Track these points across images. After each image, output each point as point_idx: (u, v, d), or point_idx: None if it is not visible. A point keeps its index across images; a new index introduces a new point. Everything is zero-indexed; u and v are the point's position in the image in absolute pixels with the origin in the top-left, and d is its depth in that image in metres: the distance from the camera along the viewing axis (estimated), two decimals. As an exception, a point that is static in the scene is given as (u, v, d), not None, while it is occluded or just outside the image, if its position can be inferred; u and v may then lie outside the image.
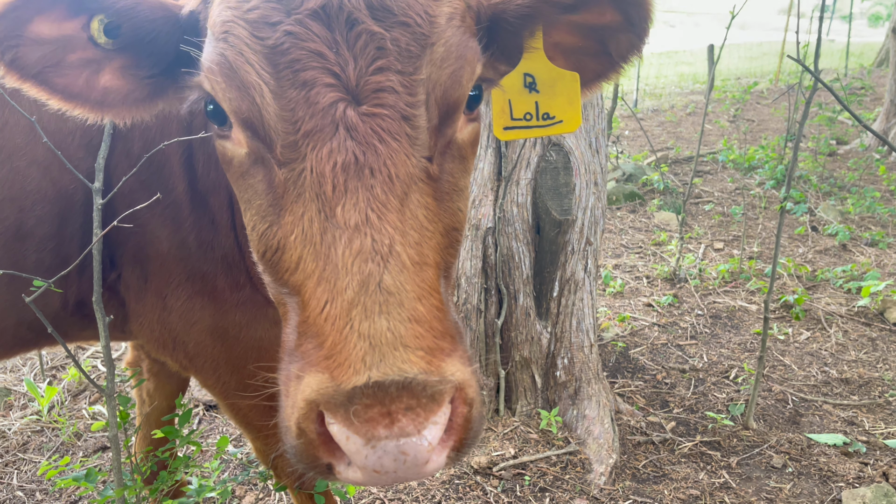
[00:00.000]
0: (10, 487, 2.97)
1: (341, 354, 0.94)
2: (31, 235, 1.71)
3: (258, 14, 1.07)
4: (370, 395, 0.91)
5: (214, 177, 1.73)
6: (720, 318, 4.67)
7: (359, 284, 0.98)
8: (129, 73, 1.28)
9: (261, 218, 1.14)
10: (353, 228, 1.01)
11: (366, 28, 1.06)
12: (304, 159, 1.05)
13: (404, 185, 1.06)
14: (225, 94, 1.10)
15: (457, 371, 0.97)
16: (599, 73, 1.48)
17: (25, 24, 1.18)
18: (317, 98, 1.04)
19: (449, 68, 1.12)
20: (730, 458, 3.22)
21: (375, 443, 0.90)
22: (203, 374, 1.98)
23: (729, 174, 8.02)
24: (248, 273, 1.83)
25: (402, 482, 0.95)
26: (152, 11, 1.23)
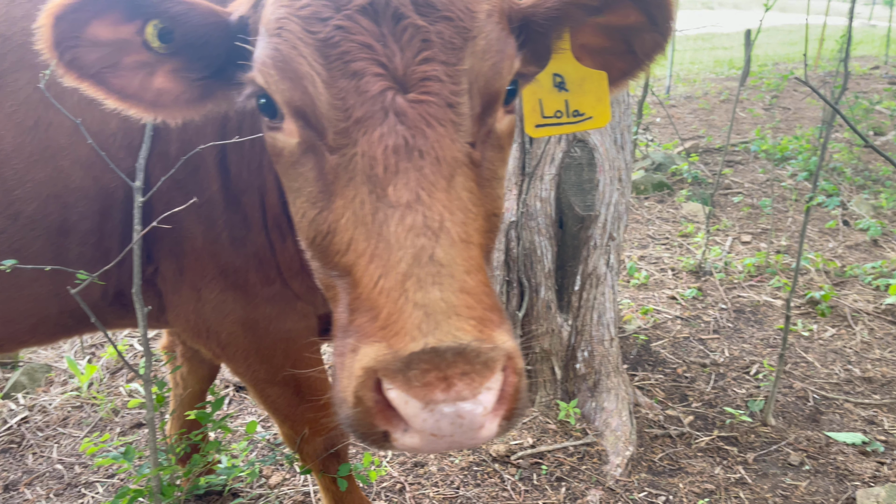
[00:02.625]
0: (51, 461, 3.13)
1: (397, 324, 1.00)
2: (74, 230, 1.81)
3: (310, 11, 1.16)
4: (427, 361, 0.96)
5: (247, 177, 1.82)
6: (744, 313, 4.67)
7: (412, 257, 1.04)
8: (180, 76, 1.36)
9: (311, 204, 1.21)
10: (405, 206, 1.07)
11: (411, 22, 1.14)
12: (356, 144, 1.13)
13: (450, 168, 1.13)
14: (278, 85, 1.18)
15: (507, 340, 1.03)
16: (626, 72, 1.55)
17: (83, 26, 1.26)
18: (367, 87, 1.12)
19: (490, 60, 1.20)
20: (747, 454, 3.26)
21: (433, 406, 0.95)
22: (234, 363, 2.08)
23: (760, 165, 7.92)
24: (278, 269, 1.92)
25: (457, 448, 1.01)
26: (204, 17, 1.31)
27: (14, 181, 1.72)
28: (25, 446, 3.22)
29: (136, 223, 1.80)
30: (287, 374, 2.11)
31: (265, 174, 1.80)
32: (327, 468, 2.36)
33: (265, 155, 1.80)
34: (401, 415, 0.99)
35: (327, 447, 2.31)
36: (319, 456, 2.31)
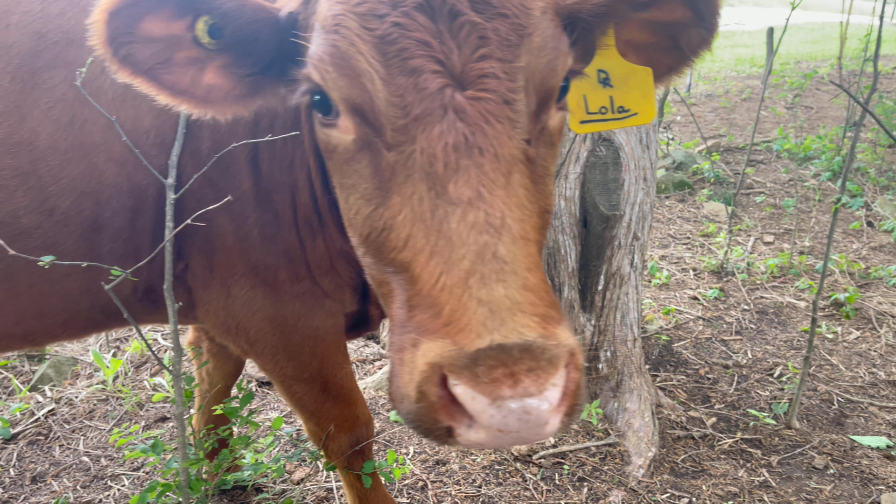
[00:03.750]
0: (77, 453, 3.17)
1: (461, 320, 1.00)
2: (107, 227, 1.83)
3: (367, 7, 1.16)
4: (493, 357, 0.96)
5: (278, 176, 1.82)
6: (767, 314, 4.63)
7: (475, 254, 1.04)
8: (230, 72, 1.37)
9: (366, 201, 1.21)
10: (467, 203, 1.08)
11: (468, 19, 1.14)
12: (415, 141, 1.13)
13: (508, 165, 1.13)
14: (336, 82, 1.19)
15: (569, 337, 1.04)
16: (671, 67, 1.55)
17: (137, 22, 1.27)
18: (425, 84, 1.13)
19: (546, 57, 1.20)
20: (770, 457, 3.24)
21: (501, 402, 0.95)
22: (262, 359, 2.10)
23: (783, 164, 7.84)
24: (307, 266, 1.93)
25: (521, 444, 1.01)
26: (254, 14, 1.32)
27: (49, 178, 1.74)
28: (52, 438, 3.26)
29: (168, 220, 1.81)
30: (314, 371, 2.12)
31: (297, 172, 1.81)
32: (352, 465, 2.37)
33: (297, 153, 1.80)
34: (467, 411, 0.99)
35: (352, 444, 2.32)
36: (344, 453, 2.32)
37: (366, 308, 2.16)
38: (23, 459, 3.11)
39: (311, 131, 1.76)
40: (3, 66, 1.70)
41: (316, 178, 1.79)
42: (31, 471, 3.03)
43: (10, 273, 1.79)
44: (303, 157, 1.80)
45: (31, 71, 1.71)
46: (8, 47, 1.70)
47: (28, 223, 1.75)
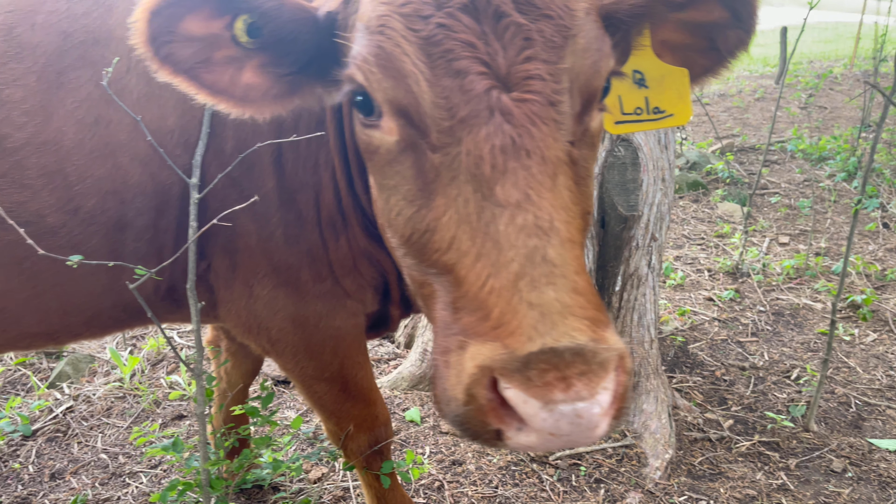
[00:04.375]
0: (95, 450, 3.18)
1: (511, 323, 1.00)
2: (131, 226, 1.83)
3: (411, 8, 1.16)
4: (545, 361, 0.96)
5: (302, 176, 1.82)
6: (783, 316, 4.61)
7: (524, 257, 1.04)
8: (268, 71, 1.36)
9: (408, 202, 1.21)
10: (515, 205, 1.07)
11: (513, 20, 1.14)
12: (460, 143, 1.12)
13: (554, 167, 1.13)
14: (380, 83, 1.18)
15: (618, 341, 1.04)
16: (708, 68, 1.54)
17: (178, 21, 1.27)
18: (471, 85, 1.12)
19: (590, 59, 1.19)
20: (788, 460, 3.21)
21: (553, 406, 0.95)
22: (283, 359, 2.10)
23: (797, 164, 7.79)
24: (330, 266, 1.92)
25: (570, 447, 1.01)
26: (294, 13, 1.32)
27: (75, 177, 1.74)
28: (71, 435, 3.28)
29: (191, 219, 1.81)
30: (335, 371, 2.12)
31: (321, 172, 1.81)
32: (370, 465, 2.37)
33: (321, 153, 1.80)
34: (519, 414, 0.98)
35: (371, 444, 2.32)
36: (363, 453, 2.32)
37: (386, 308, 2.16)
38: (42, 456, 3.13)
39: (337, 131, 1.76)
40: (29, 65, 1.70)
41: (341, 178, 1.79)
42: (49, 467, 3.05)
43: (36, 272, 1.80)
44: (327, 158, 1.80)
45: (57, 71, 1.72)
46: (34, 47, 1.71)
47: (53, 222, 1.76)
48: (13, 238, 1.73)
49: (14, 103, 1.68)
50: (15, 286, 1.81)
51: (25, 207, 1.72)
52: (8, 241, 1.74)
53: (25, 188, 1.72)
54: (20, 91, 1.69)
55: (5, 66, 1.69)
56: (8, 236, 1.73)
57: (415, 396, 3.56)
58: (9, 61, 1.69)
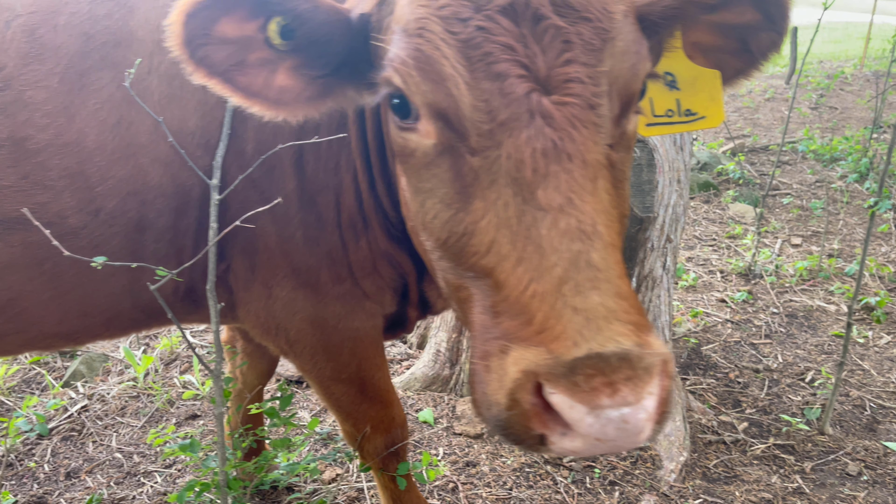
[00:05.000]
0: (110, 449, 3.19)
1: (556, 328, 0.99)
2: (151, 227, 1.83)
3: (450, 11, 1.15)
4: (592, 366, 0.96)
5: (323, 178, 1.82)
6: (796, 318, 4.58)
7: (568, 262, 1.03)
8: (301, 73, 1.36)
9: (445, 206, 1.20)
10: (557, 209, 1.07)
11: (552, 23, 1.13)
12: (500, 146, 1.12)
13: (594, 171, 1.12)
14: (419, 87, 1.17)
15: (661, 345, 1.03)
16: (740, 70, 1.53)
17: (213, 23, 1.27)
18: (511, 88, 1.11)
19: (629, 61, 1.19)
20: (804, 463, 3.20)
21: (599, 412, 0.95)
22: (301, 360, 2.10)
23: (809, 165, 7.75)
24: (349, 268, 1.92)
25: (614, 452, 1.01)
26: (328, 15, 1.31)
27: (96, 178, 1.74)
28: (86, 434, 3.29)
29: (212, 221, 1.81)
30: (352, 372, 2.12)
31: (342, 174, 1.81)
32: (386, 466, 2.37)
33: (342, 155, 1.80)
34: (565, 419, 0.98)
35: (388, 445, 2.32)
36: (380, 454, 2.32)
37: (404, 310, 2.16)
38: (57, 455, 3.14)
39: (359, 133, 1.76)
40: (51, 67, 1.71)
41: (362, 180, 1.79)
42: (65, 467, 3.06)
43: (57, 273, 1.80)
44: (349, 159, 1.79)
45: (79, 72, 1.72)
46: (56, 48, 1.71)
47: (75, 223, 1.76)
48: (35, 239, 1.74)
49: (36, 105, 1.69)
50: (36, 287, 1.81)
51: (47, 209, 1.72)
52: (30, 242, 1.74)
53: (47, 189, 1.72)
54: (43, 93, 1.69)
55: (28, 68, 1.69)
56: (30, 237, 1.74)
57: (427, 397, 3.56)
58: (31, 63, 1.69)
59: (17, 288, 1.79)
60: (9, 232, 1.72)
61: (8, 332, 1.87)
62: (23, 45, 1.69)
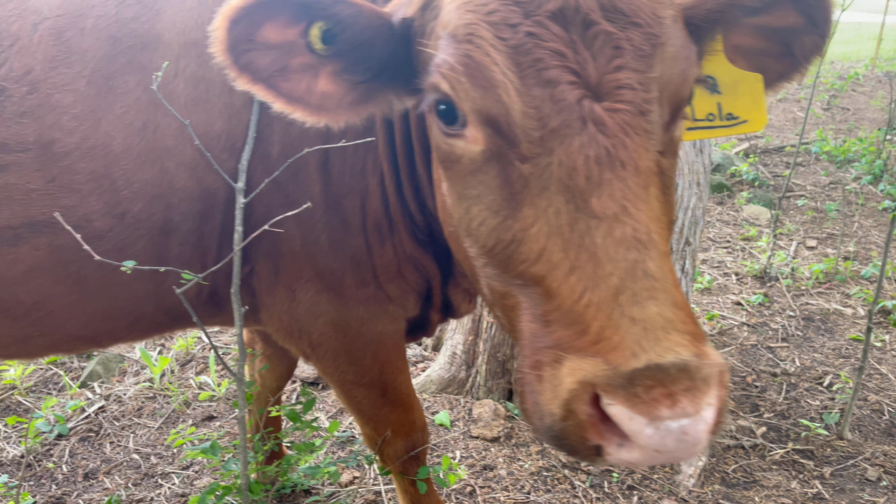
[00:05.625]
0: (127, 450, 3.20)
1: (613, 339, 0.99)
2: (176, 230, 1.83)
3: (499, 17, 1.13)
4: (651, 377, 0.95)
5: (349, 181, 1.81)
6: (813, 321, 4.55)
7: (624, 271, 1.02)
8: (342, 78, 1.34)
9: (493, 212, 1.19)
10: (612, 218, 1.06)
11: (602, 29, 1.12)
12: (552, 153, 1.10)
13: (646, 178, 1.11)
14: (468, 93, 1.16)
15: (717, 355, 1.02)
16: (782, 74, 1.51)
17: (257, 28, 1.25)
18: (562, 95, 1.10)
19: (679, 67, 1.17)
20: (823, 469, 3.17)
21: (659, 423, 0.94)
22: (323, 363, 2.09)
23: (822, 167, 7.71)
24: (374, 271, 1.91)
25: (671, 462, 1.00)
26: (370, 20, 1.30)
27: (122, 181, 1.74)
28: (103, 435, 3.29)
29: (237, 224, 1.80)
30: (374, 376, 2.12)
31: (368, 178, 1.80)
32: (407, 470, 2.36)
33: (368, 158, 1.79)
34: (623, 431, 0.97)
35: (408, 449, 2.31)
36: (400, 458, 2.31)
37: (427, 313, 2.15)
38: (75, 456, 3.15)
39: (386, 137, 1.75)
40: (78, 70, 1.70)
41: (389, 183, 1.78)
42: (83, 467, 3.06)
43: (82, 276, 1.80)
44: (375, 163, 1.79)
45: (106, 75, 1.72)
46: (83, 52, 1.71)
47: (100, 227, 1.76)
48: (61, 242, 1.74)
49: (64, 108, 1.69)
50: (61, 290, 1.81)
51: (74, 212, 1.72)
52: (56, 245, 1.74)
53: (74, 193, 1.72)
54: (70, 96, 1.69)
55: (55, 71, 1.69)
56: (56, 241, 1.74)
57: (443, 400, 3.55)
58: (59, 66, 1.69)
59: (43, 291, 1.79)
60: (35, 235, 1.72)
61: (33, 334, 1.87)
62: (50, 48, 1.69)
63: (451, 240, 1.44)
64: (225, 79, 1.76)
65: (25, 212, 1.70)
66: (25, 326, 1.84)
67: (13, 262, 1.73)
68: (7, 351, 1.94)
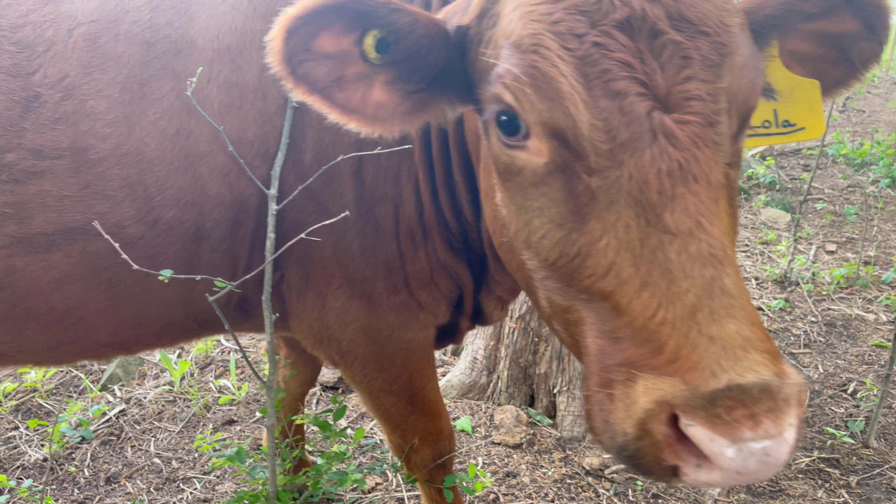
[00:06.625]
0: (148, 454, 3.19)
1: (691, 358, 0.97)
2: (208, 238, 1.82)
3: (565, 26, 1.11)
4: (732, 398, 0.93)
5: (382, 188, 1.79)
6: (835, 327, 4.50)
7: (701, 288, 1.00)
8: (396, 88, 1.32)
9: (556, 225, 1.17)
10: (686, 234, 1.03)
11: (670, 38, 1.09)
12: (621, 167, 1.08)
13: (717, 192, 1.08)
14: (534, 105, 1.13)
15: (795, 374, 1.01)
16: (840, 80, 1.48)
17: (313, 38, 1.23)
18: (631, 107, 1.07)
19: (747, 77, 1.14)
20: (849, 478, 3.13)
21: (742, 444, 0.92)
22: (351, 370, 2.07)
23: (839, 169, 7.65)
24: (406, 278, 1.89)
25: (749, 482, 0.98)
26: (427, 29, 1.27)
27: (155, 188, 1.73)
28: (124, 439, 3.29)
29: (269, 231, 1.79)
30: (403, 384, 2.10)
31: (402, 185, 1.78)
32: (433, 478, 2.34)
33: (403, 165, 1.77)
34: (703, 452, 0.95)
35: (435, 457, 2.29)
36: (427, 466, 2.29)
37: (456, 320, 2.13)
38: (96, 460, 3.14)
39: (422, 144, 1.73)
40: (113, 76, 1.69)
41: (425, 190, 1.76)
42: (104, 471, 3.06)
43: (114, 283, 1.79)
44: (410, 169, 1.77)
45: (140, 81, 1.70)
46: (118, 57, 1.70)
47: (133, 233, 1.75)
48: (94, 249, 1.73)
49: (98, 114, 1.67)
50: (93, 297, 1.80)
51: (107, 219, 1.71)
52: (89, 252, 1.73)
53: (107, 199, 1.71)
54: (104, 102, 1.68)
55: (90, 77, 1.68)
56: (89, 247, 1.72)
57: (464, 405, 3.53)
58: (93, 72, 1.68)
59: (75, 298, 1.78)
60: (69, 242, 1.71)
61: (64, 341, 1.86)
62: (85, 54, 1.68)
63: (503, 250, 1.41)
64: (258, 84, 1.77)
65: (59, 218, 1.69)
66: (57, 333, 1.83)
67: (46, 269, 1.72)
68: (38, 357, 1.93)
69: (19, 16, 1.68)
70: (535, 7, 1.13)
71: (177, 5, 1.75)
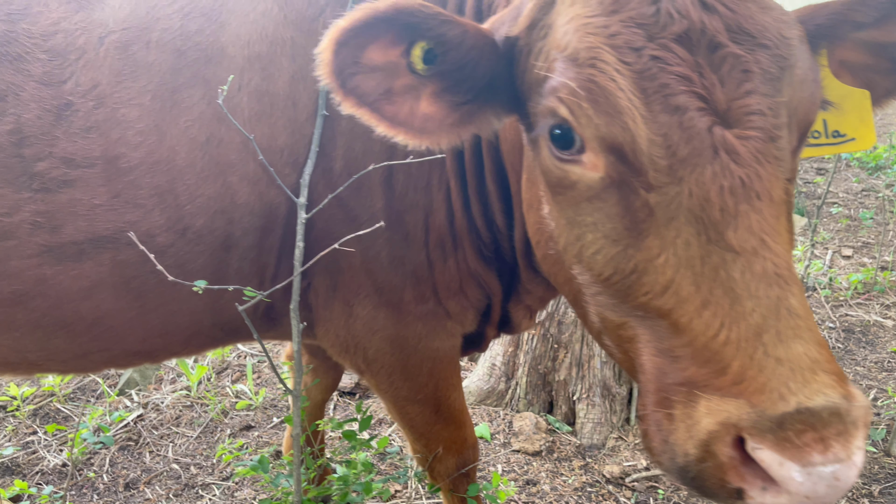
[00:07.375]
0: (167, 460, 3.18)
1: (758, 379, 0.95)
2: (237, 246, 1.81)
3: (622, 40, 1.08)
4: (801, 421, 0.91)
5: (412, 196, 1.78)
6: (853, 333, 4.47)
7: (767, 308, 0.98)
8: (443, 99, 1.29)
9: (611, 241, 1.14)
10: (751, 252, 1.01)
11: (729, 51, 1.07)
12: (681, 183, 1.06)
13: (779, 209, 1.06)
14: (591, 120, 1.11)
15: (862, 396, 0.99)
16: (890, 90, 1.45)
17: (362, 50, 1.21)
18: (691, 122, 1.05)
19: (807, 90, 1.12)
20: (871, 486, 3.10)
21: (811, 469, 0.91)
22: (377, 379, 2.06)
23: (854, 173, 7.60)
24: (434, 287, 1.88)
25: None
26: (476, 40, 1.25)
27: (185, 197, 1.72)
28: (142, 444, 3.29)
29: (298, 240, 1.78)
30: (429, 393, 2.08)
31: (433, 193, 1.76)
32: (457, 487, 2.32)
33: (434, 174, 1.76)
34: (772, 476, 0.94)
35: (459, 466, 2.27)
36: (451, 475, 2.28)
37: (483, 329, 2.11)
38: (115, 465, 3.14)
39: (454, 152, 1.71)
40: (144, 84, 1.68)
41: (456, 199, 1.75)
42: (123, 477, 3.05)
43: (143, 291, 1.78)
44: (441, 178, 1.75)
45: (171, 89, 1.70)
46: (149, 65, 1.69)
47: (162, 242, 1.74)
48: (123, 258, 1.72)
49: (129, 123, 1.67)
50: (122, 305, 1.79)
51: (137, 227, 1.70)
52: (118, 260, 1.72)
53: (138, 208, 1.70)
54: (136, 110, 1.67)
55: (121, 85, 1.67)
56: (119, 256, 1.72)
57: (482, 412, 3.51)
58: (125, 80, 1.67)
59: (104, 306, 1.77)
60: (99, 251, 1.70)
61: (93, 349, 1.86)
62: (116, 62, 1.67)
63: (548, 262, 1.39)
64: (288, 92, 1.77)
65: (90, 227, 1.68)
66: (85, 342, 1.83)
67: (76, 278, 1.71)
68: (65, 366, 1.92)
69: (51, 23, 1.67)
70: (590, 19, 1.11)
71: (207, 13, 1.74)
